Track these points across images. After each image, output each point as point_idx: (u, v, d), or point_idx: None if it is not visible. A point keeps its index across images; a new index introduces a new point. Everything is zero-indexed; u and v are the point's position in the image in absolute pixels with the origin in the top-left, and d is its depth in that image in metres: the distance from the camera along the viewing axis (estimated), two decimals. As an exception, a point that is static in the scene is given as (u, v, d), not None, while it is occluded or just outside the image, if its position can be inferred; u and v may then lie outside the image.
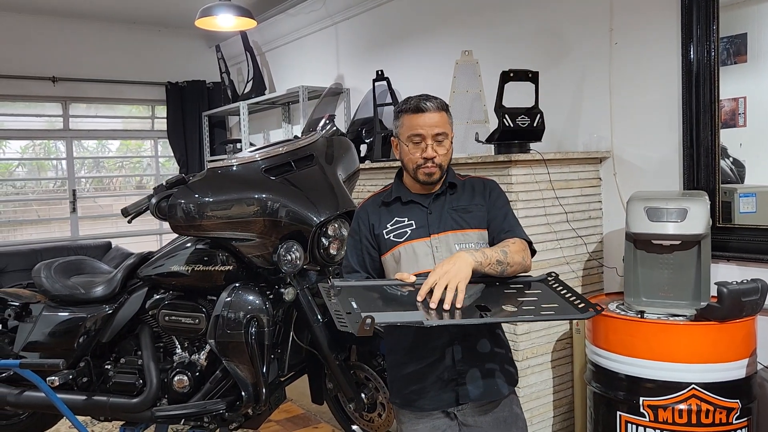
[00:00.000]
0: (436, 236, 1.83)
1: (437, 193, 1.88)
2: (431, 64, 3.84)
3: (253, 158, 2.45)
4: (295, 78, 5.18)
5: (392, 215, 1.89)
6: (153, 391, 2.50)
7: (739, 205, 2.59)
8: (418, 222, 1.86)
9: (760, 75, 2.56)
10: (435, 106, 1.82)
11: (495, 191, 1.93)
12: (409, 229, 1.86)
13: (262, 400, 2.34)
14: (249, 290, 2.36)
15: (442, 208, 1.86)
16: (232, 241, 2.38)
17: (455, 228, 1.84)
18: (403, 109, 1.85)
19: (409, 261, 1.83)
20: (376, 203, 1.95)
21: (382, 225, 1.89)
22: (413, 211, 1.88)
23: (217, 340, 2.32)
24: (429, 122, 1.81)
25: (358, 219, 1.95)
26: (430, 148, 1.80)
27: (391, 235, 1.87)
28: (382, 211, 1.91)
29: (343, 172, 2.64)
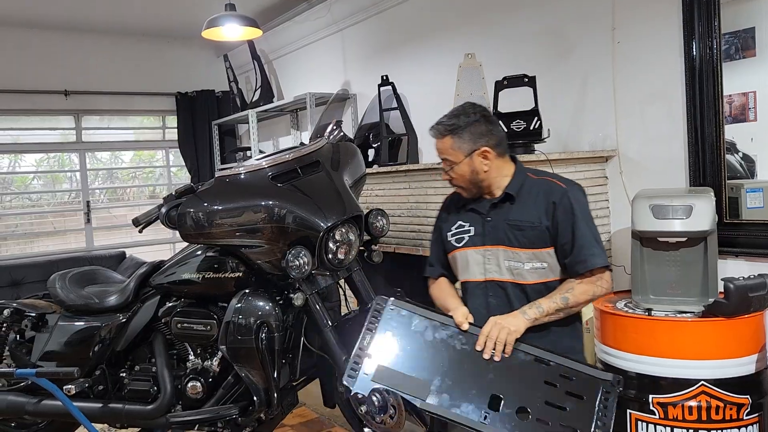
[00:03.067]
0: (489, 248, 1.87)
1: (494, 202, 1.91)
2: (436, 68, 3.87)
3: (260, 166, 2.48)
4: (302, 85, 5.23)
5: (458, 218, 1.98)
6: (167, 398, 2.54)
7: (746, 200, 2.58)
8: (476, 229, 1.92)
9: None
10: (437, 132, 1.90)
11: (562, 206, 1.85)
12: (467, 235, 1.92)
13: (274, 405, 2.37)
14: (259, 296, 2.39)
15: (499, 218, 1.89)
16: (241, 248, 2.41)
17: (506, 244, 1.87)
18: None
19: (462, 267, 1.91)
20: (452, 201, 2.05)
21: (447, 226, 2.00)
22: (474, 217, 1.94)
23: (228, 346, 2.36)
24: (438, 148, 1.92)
25: (439, 213, 2.08)
26: (444, 174, 1.93)
27: (452, 239, 1.96)
28: (452, 211, 2.02)
29: (349, 178, 2.66)
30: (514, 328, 1.71)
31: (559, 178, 1.95)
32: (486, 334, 1.70)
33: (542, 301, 1.81)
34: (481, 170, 1.87)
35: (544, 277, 1.86)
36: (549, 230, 1.84)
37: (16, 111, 5.47)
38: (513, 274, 1.85)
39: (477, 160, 1.86)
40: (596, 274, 1.83)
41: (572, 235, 1.83)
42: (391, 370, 1.66)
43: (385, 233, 2.67)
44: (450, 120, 1.88)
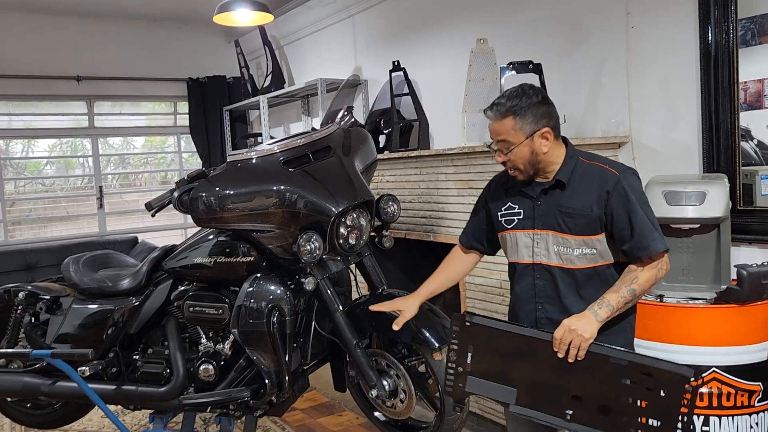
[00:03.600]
0: (539, 232, 1.89)
1: (545, 187, 1.90)
2: (448, 53, 3.84)
3: (271, 151, 2.48)
4: (313, 71, 5.22)
5: (507, 199, 1.98)
6: (180, 380, 2.57)
7: (760, 187, 2.56)
8: (525, 212, 1.92)
9: None
10: (494, 114, 1.86)
11: (616, 194, 1.82)
12: (516, 218, 1.93)
13: (285, 388, 2.39)
14: (270, 280, 2.40)
15: (550, 204, 1.88)
16: (252, 232, 2.43)
17: (557, 230, 1.87)
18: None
19: (511, 248, 1.95)
20: (499, 182, 2.05)
21: (497, 206, 2.01)
22: (524, 200, 1.94)
23: (240, 329, 2.38)
24: (492, 130, 1.89)
25: (485, 189, 2.11)
26: (498, 155, 1.89)
27: (502, 219, 1.97)
28: (500, 192, 2.02)
29: (360, 163, 2.67)
30: (588, 336, 1.71)
31: (611, 164, 1.93)
32: (559, 339, 1.72)
33: (609, 296, 1.79)
34: (541, 151, 1.85)
35: (593, 262, 1.86)
36: (600, 219, 1.83)
37: (29, 96, 5.51)
38: (562, 259, 1.86)
39: (538, 142, 1.85)
40: (656, 259, 1.80)
41: (630, 222, 1.80)
42: (478, 380, 1.82)
43: (396, 219, 2.68)
44: (511, 101, 1.84)
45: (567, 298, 1.87)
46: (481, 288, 3.02)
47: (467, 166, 3.00)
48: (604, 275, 1.87)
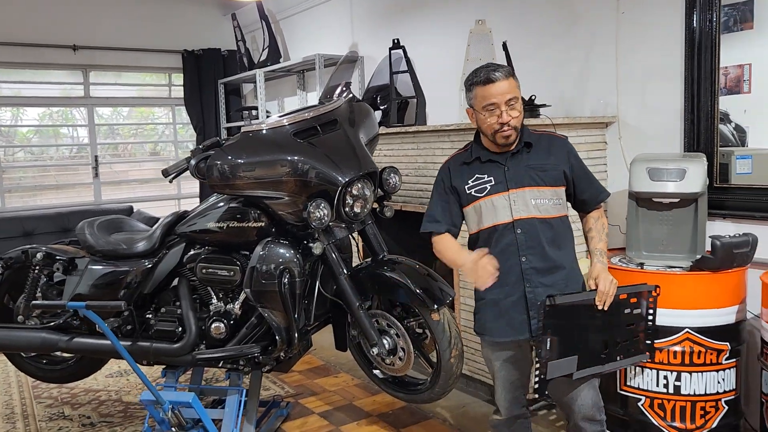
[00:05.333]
0: (514, 191, 2.08)
1: (513, 152, 2.11)
2: (445, 33, 3.98)
3: (281, 123, 2.63)
4: (308, 46, 5.32)
5: (473, 172, 2.14)
6: (192, 338, 2.73)
7: (735, 166, 2.76)
8: (496, 178, 2.10)
9: (765, 42, 2.66)
10: (503, 74, 2.03)
11: (573, 152, 2.16)
12: (488, 185, 2.11)
13: (294, 344, 2.57)
14: (281, 244, 2.57)
15: (518, 166, 2.10)
16: (264, 199, 2.58)
17: (532, 185, 2.09)
18: (474, 82, 2.07)
19: (488, 213, 2.10)
20: (457, 162, 2.20)
21: (463, 181, 2.15)
22: (492, 168, 2.12)
23: (252, 289, 2.54)
24: (500, 90, 2.02)
25: (441, 175, 2.23)
26: (506, 114, 2.02)
27: (472, 190, 2.13)
28: (463, 169, 2.17)
29: (364, 136, 2.82)
30: (615, 280, 2.03)
31: (551, 132, 2.27)
32: (605, 292, 1.99)
33: (598, 245, 2.12)
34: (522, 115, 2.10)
35: (560, 212, 2.13)
36: (565, 173, 2.12)
37: (23, 64, 5.54)
38: (539, 210, 2.08)
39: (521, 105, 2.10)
40: (601, 207, 2.20)
41: (586, 175, 2.16)
42: (554, 363, 2.01)
43: (397, 190, 2.85)
44: (503, 66, 2.07)
45: (547, 247, 2.09)
46: (474, 257, 3.20)
47: (463, 142, 3.13)
48: (567, 223, 2.16)
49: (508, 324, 2.12)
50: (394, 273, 2.65)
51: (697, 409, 2.36)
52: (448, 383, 2.64)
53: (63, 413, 3.34)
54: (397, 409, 3.25)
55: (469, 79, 2.10)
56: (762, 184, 2.63)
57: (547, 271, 2.08)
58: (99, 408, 3.40)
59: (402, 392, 2.84)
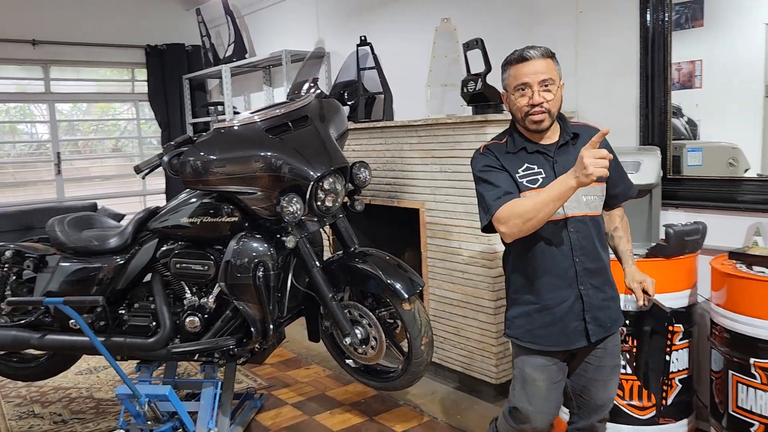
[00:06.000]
0: None
1: (561, 144, 1.93)
2: (412, 30, 4.05)
3: (252, 119, 2.68)
4: (274, 42, 5.34)
5: (522, 161, 1.92)
6: (167, 332, 2.77)
7: (687, 158, 2.91)
8: (546, 171, 1.90)
9: (714, 39, 2.81)
10: (539, 53, 1.84)
11: (607, 145, 1.95)
12: (539, 176, 1.89)
13: (269, 335, 2.63)
14: (254, 238, 2.62)
15: (567, 158, 1.88)
16: (237, 194, 2.63)
17: None
18: (509, 61, 1.89)
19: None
20: (500, 151, 1.95)
21: (513, 168, 1.91)
22: (540, 161, 1.92)
23: (227, 282, 2.59)
24: (534, 69, 1.83)
25: (483, 160, 1.94)
26: (537, 95, 1.82)
27: (524, 180, 1.90)
28: (510, 157, 1.93)
29: (334, 131, 2.89)
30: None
31: (586, 123, 2.12)
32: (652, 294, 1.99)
33: (628, 246, 2.06)
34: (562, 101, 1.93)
35: (601, 209, 2.00)
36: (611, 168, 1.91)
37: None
38: (590, 207, 1.93)
39: (562, 91, 1.92)
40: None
41: (619, 168, 2.04)
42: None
43: (367, 184, 2.93)
44: (541, 46, 1.88)
45: (597, 246, 1.94)
46: (442, 248, 3.30)
47: (430, 137, 3.25)
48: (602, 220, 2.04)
49: (561, 332, 1.93)
50: (365, 265, 2.73)
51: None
52: (419, 370, 2.74)
53: (33, 411, 3.33)
54: (368, 398, 3.34)
55: (506, 59, 1.92)
56: (711, 176, 2.79)
57: (596, 272, 1.94)
58: (70, 405, 3.40)
59: (374, 380, 2.93)
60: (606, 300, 1.97)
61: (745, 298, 2.22)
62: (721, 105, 2.87)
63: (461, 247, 3.19)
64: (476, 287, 3.15)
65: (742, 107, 2.79)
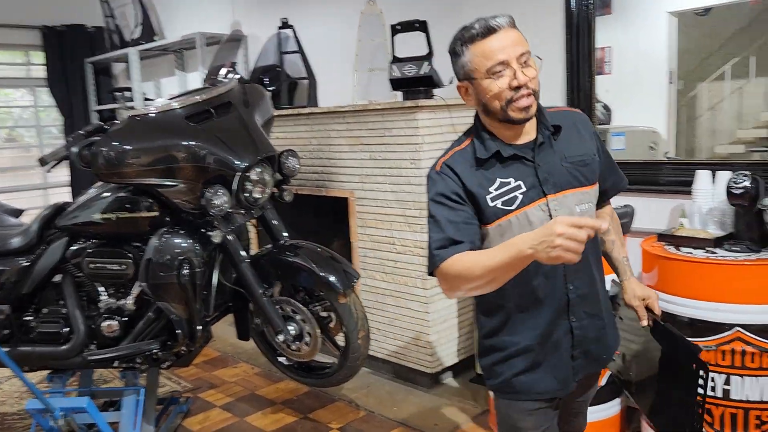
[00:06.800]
0: (553, 197, 1.46)
1: (540, 142, 1.49)
2: (336, 13, 3.91)
3: (171, 106, 2.49)
4: (187, 24, 5.06)
5: (493, 176, 1.47)
6: (81, 337, 2.55)
7: (611, 143, 2.97)
8: (527, 181, 1.46)
9: (622, 26, 2.88)
10: (507, 21, 1.44)
11: (595, 132, 1.60)
12: (519, 192, 1.45)
13: (197, 337, 2.47)
14: (178, 234, 2.44)
15: (552, 160, 1.48)
16: (156, 187, 2.44)
17: (575, 185, 1.49)
18: (469, 37, 1.44)
19: (523, 231, 1.39)
20: (463, 163, 1.49)
21: (482, 190, 1.46)
22: (518, 168, 1.47)
23: (149, 282, 2.41)
24: (508, 42, 1.42)
25: (442, 182, 1.48)
26: (520, 73, 1.41)
27: (498, 202, 1.46)
28: (477, 173, 1.47)
29: (260, 118, 2.74)
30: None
31: (563, 107, 1.68)
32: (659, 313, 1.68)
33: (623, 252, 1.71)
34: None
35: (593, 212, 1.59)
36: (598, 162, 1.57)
37: None
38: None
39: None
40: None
41: (609, 159, 1.65)
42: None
43: (296, 173, 2.80)
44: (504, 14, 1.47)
45: (592, 265, 1.55)
46: (373, 238, 3.23)
47: (359, 123, 3.16)
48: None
49: (550, 374, 1.53)
50: (297, 258, 2.62)
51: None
52: (356, 365, 2.66)
53: (-73, 431, 3.01)
54: (301, 395, 3.23)
55: (458, 38, 1.46)
56: (635, 159, 2.85)
57: (592, 297, 1.55)
58: (-30, 422, 3.10)
59: (309, 377, 2.82)
60: (602, 328, 1.58)
61: (676, 279, 2.28)
62: (630, 91, 2.95)
63: (393, 236, 3.13)
64: (409, 276, 3.10)
65: (649, 93, 2.88)
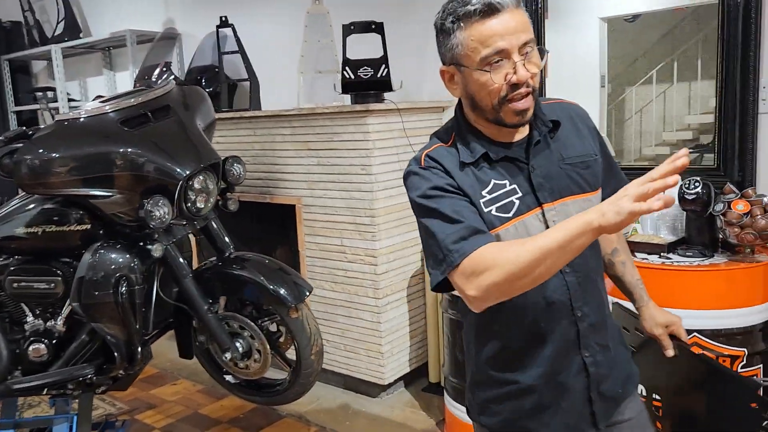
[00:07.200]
0: (551, 205, 1.23)
1: (536, 140, 1.25)
2: (280, 12, 3.76)
3: (103, 110, 2.30)
4: (114, 20, 4.77)
5: (487, 177, 1.24)
6: (4, 364, 2.31)
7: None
8: (521, 186, 1.24)
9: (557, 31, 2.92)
10: (513, 1, 1.16)
11: (595, 128, 1.37)
12: (515, 197, 1.23)
13: (137, 358, 2.28)
14: (114, 249, 2.25)
15: (549, 162, 1.25)
16: (89, 198, 2.24)
17: (575, 191, 1.26)
18: (462, 15, 1.19)
19: None
20: (450, 161, 1.25)
21: (475, 191, 1.23)
22: (510, 170, 1.25)
23: (82, 302, 2.20)
24: (512, 26, 1.14)
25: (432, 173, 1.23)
26: (521, 67, 1.14)
27: (492, 208, 1.22)
28: (466, 174, 1.24)
29: (201, 122, 2.58)
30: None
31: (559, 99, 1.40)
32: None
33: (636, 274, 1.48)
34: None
35: None
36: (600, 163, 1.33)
37: None
38: None
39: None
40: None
41: (610, 159, 1.39)
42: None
43: (242, 181, 2.65)
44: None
45: (600, 287, 1.32)
46: (322, 247, 3.11)
47: (306, 128, 3.03)
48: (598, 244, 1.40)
49: (561, 420, 1.29)
50: (244, 271, 2.47)
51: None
52: (308, 381, 2.53)
53: None
54: (248, 412, 3.08)
55: (449, 11, 1.22)
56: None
57: (601, 326, 1.31)
58: None
59: (258, 395, 2.67)
60: (612, 360, 1.33)
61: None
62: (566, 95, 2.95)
63: (343, 244, 3.02)
64: (360, 286, 3.00)
65: (585, 97, 2.92)
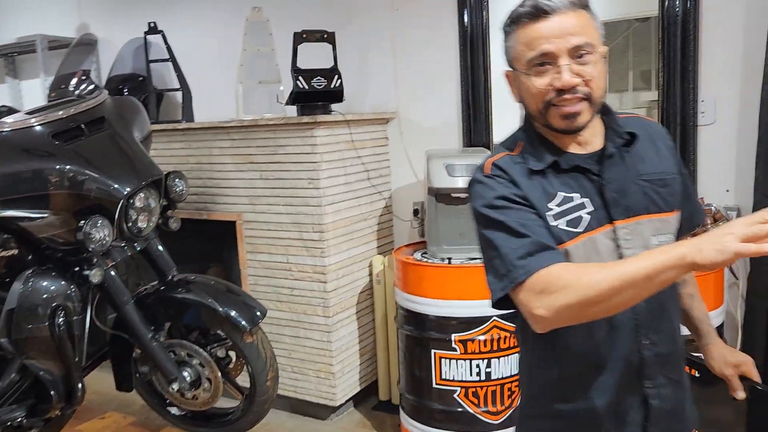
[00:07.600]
0: (623, 223, 1.15)
1: (609, 152, 1.17)
2: (216, 19, 3.55)
3: (28, 123, 2.10)
4: (20, 24, 4.40)
5: (554, 189, 1.16)
6: None
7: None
8: (593, 200, 1.16)
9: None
10: (566, 3, 1.10)
11: (674, 148, 1.28)
12: (584, 212, 1.15)
13: (77, 396, 2.07)
14: (48, 276, 2.05)
15: (624, 177, 1.17)
16: (17, 219, 2.02)
17: (652, 210, 1.17)
18: (516, 17, 1.13)
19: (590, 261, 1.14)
20: (519, 170, 1.17)
21: (541, 202, 1.15)
22: (580, 183, 1.17)
23: (12, 338, 1.98)
24: (559, 29, 1.09)
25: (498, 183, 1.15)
26: (566, 72, 1.09)
27: (561, 221, 1.14)
28: (534, 183, 1.16)
29: (138, 135, 2.41)
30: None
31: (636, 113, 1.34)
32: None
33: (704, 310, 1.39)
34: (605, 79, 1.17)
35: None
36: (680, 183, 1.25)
37: None
38: None
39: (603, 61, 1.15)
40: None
41: (687, 183, 1.31)
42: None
43: (185, 198, 2.50)
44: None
45: (673, 316, 1.24)
46: (265, 264, 2.97)
47: (247, 140, 2.89)
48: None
49: None
50: (190, 294, 2.32)
51: (505, 391, 2.51)
52: (263, 408, 2.41)
53: None
54: (189, 444, 2.88)
55: (509, 14, 1.17)
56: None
57: (673, 358, 1.22)
58: None
59: (207, 427, 2.52)
60: (683, 400, 1.25)
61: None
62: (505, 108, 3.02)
63: (289, 261, 2.90)
64: (308, 304, 2.88)
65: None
